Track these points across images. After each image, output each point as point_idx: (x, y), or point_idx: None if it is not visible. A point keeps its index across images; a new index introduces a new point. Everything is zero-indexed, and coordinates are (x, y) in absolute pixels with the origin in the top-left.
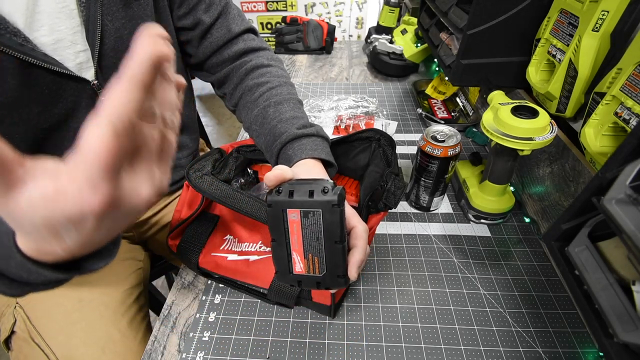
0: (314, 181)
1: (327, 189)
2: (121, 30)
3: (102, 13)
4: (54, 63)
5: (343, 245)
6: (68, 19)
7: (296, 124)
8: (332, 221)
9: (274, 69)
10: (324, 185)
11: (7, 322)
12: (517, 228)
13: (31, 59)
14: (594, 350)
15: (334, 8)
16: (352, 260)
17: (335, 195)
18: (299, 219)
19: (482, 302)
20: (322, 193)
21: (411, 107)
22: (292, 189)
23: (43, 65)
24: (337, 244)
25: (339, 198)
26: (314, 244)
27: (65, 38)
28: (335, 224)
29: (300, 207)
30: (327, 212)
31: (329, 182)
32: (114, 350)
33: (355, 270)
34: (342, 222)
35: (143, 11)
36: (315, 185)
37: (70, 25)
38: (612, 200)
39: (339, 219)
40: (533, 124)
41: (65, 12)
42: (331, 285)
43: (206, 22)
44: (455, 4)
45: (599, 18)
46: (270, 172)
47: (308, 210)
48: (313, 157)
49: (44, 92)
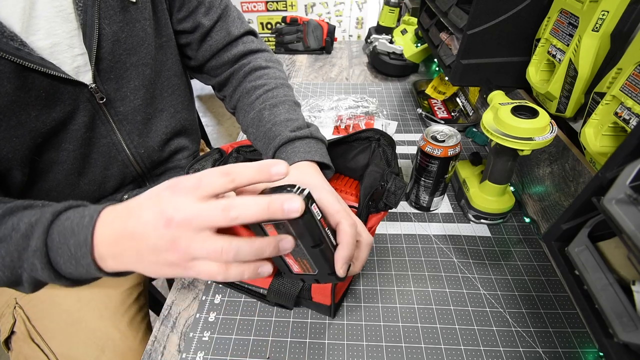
0: (278, 191)
1: None
2: (119, 34)
3: (99, 17)
4: (51, 67)
5: (320, 249)
6: (65, 23)
7: (290, 127)
8: (300, 230)
9: (272, 70)
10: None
11: (7, 323)
12: (517, 228)
13: (28, 63)
14: (594, 350)
15: (334, 8)
16: (337, 256)
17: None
18: (275, 231)
19: (482, 302)
20: None
21: (411, 107)
22: None
23: (40, 69)
24: (314, 248)
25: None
26: (297, 250)
27: (62, 42)
28: (304, 232)
29: (269, 220)
30: (292, 222)
31: (289, 192)
32: (113, 350)
33: (340, 266)
34: (310, 228)
35: (141, 15)
36: None
37: (68, 29)
38: (612, 200)
39: (304, 227)
40: (533, 124)
41: (62, 15)
42: (327, 281)
43: (206, 25)
44: (455, 4)
45: (599, 18)
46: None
47: (277, 222)
48: (307, 160)
49: (41, 96)
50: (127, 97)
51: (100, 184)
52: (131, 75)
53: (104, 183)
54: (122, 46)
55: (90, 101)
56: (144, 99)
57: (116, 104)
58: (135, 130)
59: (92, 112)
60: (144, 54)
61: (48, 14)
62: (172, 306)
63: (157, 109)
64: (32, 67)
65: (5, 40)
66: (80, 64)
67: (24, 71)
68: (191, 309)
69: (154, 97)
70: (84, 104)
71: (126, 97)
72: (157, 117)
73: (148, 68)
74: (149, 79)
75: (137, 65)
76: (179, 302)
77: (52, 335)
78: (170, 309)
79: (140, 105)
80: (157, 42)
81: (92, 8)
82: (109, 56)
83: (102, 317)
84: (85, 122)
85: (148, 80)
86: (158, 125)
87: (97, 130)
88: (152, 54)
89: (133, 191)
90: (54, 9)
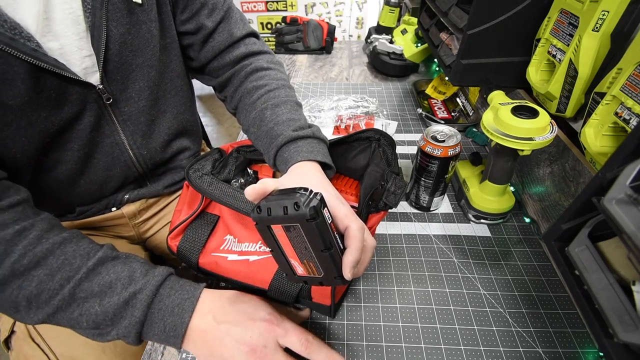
0: (289, 194)
1: (300, 203)
2: (125, 36)
3: (107, 19)
4: (64, 68)
5: (330, 253)
6: (74, 25)
7: (292, 126)
8: (311, 233)
9: (273, 71)
10: (295, 200)
11: (7, 322)
12: (517, 228)
13: (43, 64)
14: (594, 350)
15: (334, 8)
16: (345, 261)
17: (306, 209)
18: (284, 233)
19: (482, 302)
20: (294, 208)
21: (411, 107)
22: (269, 206)
23: (53, 70)
24: (324, 252)
25: (310, 212)
26: (305, 252)
27: (71, 43)
28: (316, 235)
29: (279, 223)
30: (304, 225)
31: (302, 195)
32: (114, 350)
33: (348, 271)
34: (322, 232)
35: (147, 16)
36: (289, 200)
37: (77, 31)
38: (612, 200)
39: (317, 231)
40: (533, 124)
41: (71, 18)
42: (332, 284)
43: (209, 26)
44: (455, 4)
45: (599, 18)
46: (249, 188)
47: (288, 225)
48: (309, 160)
49: (52, 97)
50: (132, 98)
51: (101, 183)
52: (137, 77)
53: (105, 183)
54: (128, 47)
55: (97, 102)
56: (149, 100)
57: (121, 105)
58: (139, 131)
59: (98, 113)
60: (149, 56)
61: (59, 16)
62: None
63: (160, 110)
64: (46, 68)
65: (22, 41)
66: (88, 65)
67: (37, 72)
68: None
69: (157, 99)
70: (91, 104)
71: (131, 98)
72: (161, 118)
73: (153, 69)
74: (154, 81)
75: (143, 67)
76: None
77: (52, 335)
78: None
79: (144, 106)
80: (162, 43)
81: (100, 10)
82: (116, 57)
83: None
84: (91, 122)
85: (153, 81)
86: (161, 126)
87: (102, 131)
88: (157, 55)
89: (133, 191)
90: (64, 11)
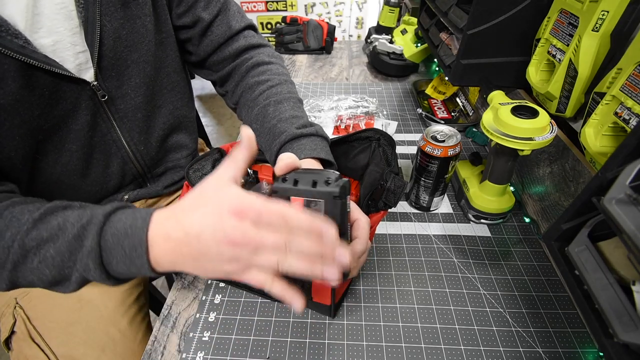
0: (320, 172)
1: (330, 180)
2: (119, 31)
3: (100, 13)
4: (55, 65)
5: (345, 238)
6: (67, 20)
7: (296, 124)
8: (333, 212)
9: (275, 66)
10: (327, 176)
11: (7, 322)
12: (517, 228)
13: (33, 61)
14: (594, 350)
15: (334, 8)
16: (352, 249)
17: (337, 187)
18: (302, 208)
19: (482, 302)
20: (324, 184)
21: (411, 107)
22: (297, 178)
23: (44, 67)
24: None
25: (340, 190)
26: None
27: (64, 39)
28: (336, 216)
29: (303, 195)
30: (328, 203)
31: (334, 174)
32: (114, 350)
33: (354, 260)
34: (342, 214)
35: (141, 11)
36: (319, 176)
37: (69, 27)
38: (612, 200)
39: (339, 211)
40: (533, 124)
41: (63, 13)
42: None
43: (206, 19)
44: (455, 4)
45: (599, 18)
46: (280, 159)
47: (311, 200)
48: (312, 157)
49: (44, 94)
50: (127, 94)
51: (102, 184)
52: (132, 73)
53: (105, 183)
54: (123, 43)
55: (92, 99)
56: (145, 96)
57: (117, 102)
58: (135, 127)
59: (93, 110)
60: (144, 51)
61: (50, 11)
62: (172, 306)
63: (156, 106)
64: (36, 65)
65: (9, 37)
66: (82, 62)
67: (28, 69)
68: (191, 308)
69: (154, 94)
70: (85, 102)
71: (127, 94)
72: (157, 114)
73: (148, 65)
74: (150, 76)
75: (138, 63)
76: (179, 302)
77: (52, 335)
78: (170, 309)
79: (140, 102)
80: (157, 38)
81: (94, 5)
82: (110, 53)
83: (102, 317)
84: (87, 120)
85: (148, 77)
86: (157, 122)
87: (98, 129)
88: (153, 50)
89: (133, 192)
90: (56, 6)
